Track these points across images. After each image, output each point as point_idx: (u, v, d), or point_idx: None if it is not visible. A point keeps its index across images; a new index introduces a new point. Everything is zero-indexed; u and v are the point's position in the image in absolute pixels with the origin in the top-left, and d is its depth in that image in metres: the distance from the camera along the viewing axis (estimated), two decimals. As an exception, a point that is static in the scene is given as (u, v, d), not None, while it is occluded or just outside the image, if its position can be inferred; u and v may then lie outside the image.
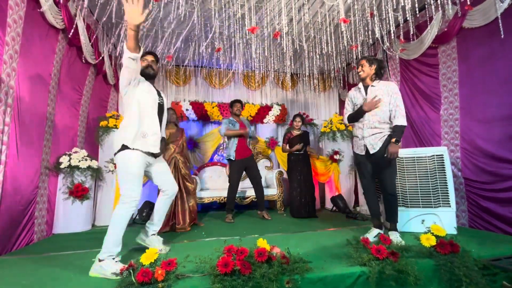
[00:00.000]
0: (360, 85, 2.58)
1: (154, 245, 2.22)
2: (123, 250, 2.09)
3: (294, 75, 5.70)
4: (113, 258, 1.78)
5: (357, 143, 2.57)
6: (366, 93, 2.50)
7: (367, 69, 2.47)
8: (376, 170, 2.49)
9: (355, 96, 2.59)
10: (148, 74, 2.15)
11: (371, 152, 2.42)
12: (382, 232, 2.47)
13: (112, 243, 1.80)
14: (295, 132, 4.10)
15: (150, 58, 2.18)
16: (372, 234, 2.45)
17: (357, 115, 2.49)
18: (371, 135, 2.42)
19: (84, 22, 3.23)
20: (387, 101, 2.40)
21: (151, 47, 4.21)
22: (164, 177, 2.26)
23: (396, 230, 2.44)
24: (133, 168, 1.93)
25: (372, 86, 2.49)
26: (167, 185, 2.27)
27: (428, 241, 1.95)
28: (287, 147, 4.06)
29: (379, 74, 2.51)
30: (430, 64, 3.57)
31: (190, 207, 3.33)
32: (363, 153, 2.50)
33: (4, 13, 2.25)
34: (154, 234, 2.29)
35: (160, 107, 2.16)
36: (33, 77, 2.72)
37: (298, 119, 4.11)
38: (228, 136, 3.81)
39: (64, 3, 2.78)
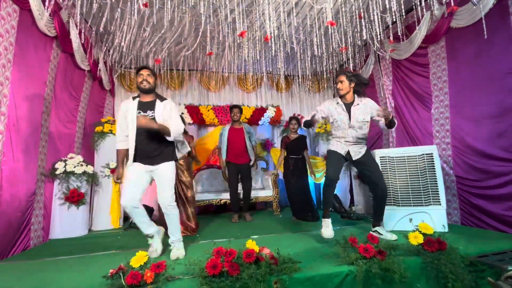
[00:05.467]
0: (339, 100, 2.58)
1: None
2: (119, 252, 2.43)
3: (288, 76, 5.74)
4: (150, 237, 2.32)
5: (339, 144, 2.57)
6: (349, 113, 2.50)
7: (346, 86, 2.50)
8: (364, 174, 2.57)
9: (334, 112, 2.56)
10: (142, 89, 2.25)
11: (354, 158, 2.52)
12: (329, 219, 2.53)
13: (142, 229, 2.30)
14: (292, 136, 3.93)
15: (145, 72, 2.25)
16: (330, 226, 2.48)
17: (311, 124, 2.58)
18: (353, 146, 2.53)
19: (77, 29, 3.28)
20: (367, 119, 2.50)
21: (147, 51, 4.25)
22: (159, 189, 2.29)
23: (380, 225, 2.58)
24: (127, 175, 2.24)
25: (355, 106, 2.51)
26: (159, 197, 2.28)
27: (416, 239, 1.98)
28: (284, 153, 3.92)
29: (359, 91, 2.54)
30: (421, 63, 3.61)
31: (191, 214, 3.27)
32: (343, 153, 2.53)
33: (-4, 24, 2.30)
34: (173, 243, 2.33)
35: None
36: (28, 85, 2.76)
37: (294, 121, 3.93)
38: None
39: (55, 9, 2.82)
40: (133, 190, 2.20)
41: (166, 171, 2.27)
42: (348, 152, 2.53)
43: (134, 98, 2.30)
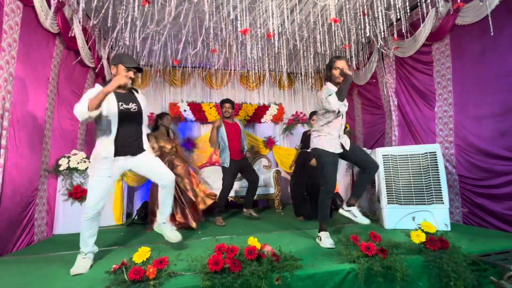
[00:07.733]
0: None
1: (165, 233, 2.26)
2: (122, 248, 2.47)
3: (291, 74, 5.72)
4: (85, 254, 2.04)
5: (331, 141, 2.41)
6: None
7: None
8: (353, 159, 2.53)
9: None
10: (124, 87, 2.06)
11: (347, 148, 2.44)
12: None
13: (87, 243, 2.05)
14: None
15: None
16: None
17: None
18: (343, 137, 2.47)
19: (81, 25, 3.27)
20: None
21: (148, 50, 4.25)
22: (156, 170, 2.21)
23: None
24: (97, 172, 2.11)
25: None
26: (162, 177, 2.21)
27: (418, 238, 1.97)
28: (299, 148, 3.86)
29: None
30: (425, 61, 3.58)
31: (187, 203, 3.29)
32: (339, 151, 2.42)
33: (0, 20, 2.30)
34: (164, 223, 2.31)
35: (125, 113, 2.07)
36: (32, 82, 2.77)
37: (315, 116, 3.93)
38: (216, 142, 3.68)
39: (57, 6, 2.82)
40: (102, 193, 2.03)
41: (148, 155, 2.19)
42: (342, 146, 2.42)
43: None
